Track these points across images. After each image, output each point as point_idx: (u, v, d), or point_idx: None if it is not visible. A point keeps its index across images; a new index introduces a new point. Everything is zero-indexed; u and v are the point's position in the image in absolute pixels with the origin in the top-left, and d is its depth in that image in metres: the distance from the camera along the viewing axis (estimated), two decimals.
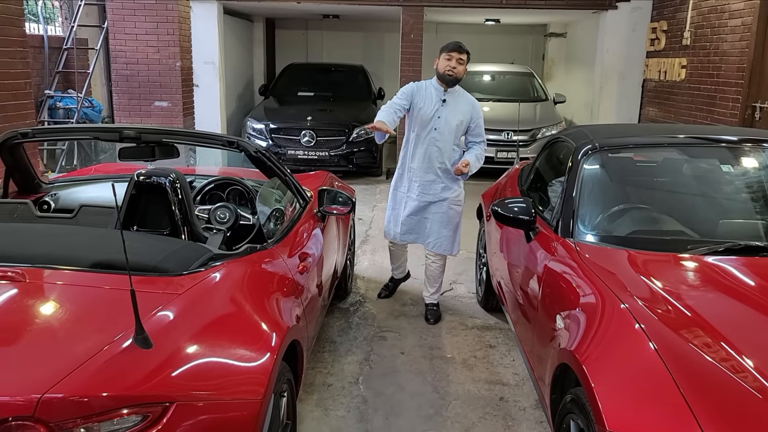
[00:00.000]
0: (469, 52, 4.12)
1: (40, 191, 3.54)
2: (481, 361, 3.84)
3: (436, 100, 4.11)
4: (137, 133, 2.95)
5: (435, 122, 4.11)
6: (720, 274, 2.53)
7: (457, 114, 4.11)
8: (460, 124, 4.14)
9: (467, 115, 4.13)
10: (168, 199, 2.49)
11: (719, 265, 2.57)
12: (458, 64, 4.05)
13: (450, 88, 4.12)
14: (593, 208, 3.07)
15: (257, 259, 2.53)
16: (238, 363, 2.01)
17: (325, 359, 3.80)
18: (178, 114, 7.71)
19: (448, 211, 4.26)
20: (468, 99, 4.20)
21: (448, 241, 4.33)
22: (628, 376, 1.98)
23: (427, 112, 4.11)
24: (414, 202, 4.27)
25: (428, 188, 4.22)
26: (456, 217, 4.31)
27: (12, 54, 4.18)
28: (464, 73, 4.12)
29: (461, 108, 4.13)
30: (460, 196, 4.32)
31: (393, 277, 4.83)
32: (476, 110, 4.17)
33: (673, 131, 3.79)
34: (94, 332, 1.80)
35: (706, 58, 6.59)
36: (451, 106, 4.12)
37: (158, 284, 2.06)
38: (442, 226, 4.28)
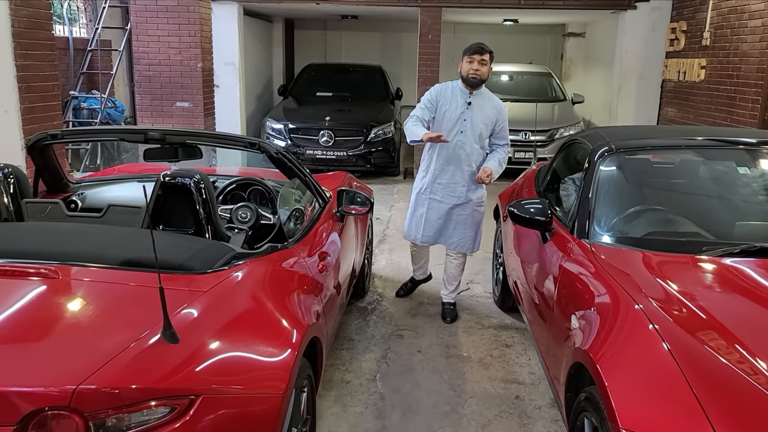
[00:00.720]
0: (491, 52, 4.12)
1: (68, 191, 3.64)
2: (497, 360, 3.89)
3: (461, 103, 4.12)
4: (161, 134, 3.04)
5: (461, 125, 4.12)
6: (735, 276, 2.55)
7: (482, 116, 4.11)
8: (486, 127, 4.14)
9: (493, 118, 4.13)
10: (193, 199, 2.56)
11: (734, 266, 2.59)
12: (481, 66, 4.05)
13: (475, 90, 4.12)
14: (609, 209, 3.10)
15: (278, 258, 2.60)
16: (260, 358, 2.08)
17: (344, 357, 3.87)
18: (199, 114, 7.83)
19: (472, 213, 4.29)
20: (494, 101, 4.19)
21: (470, 241, 4.39)
22: (641, 375, 2.01)
23: (453, 115, 4.11)
24: (439, 204, 4.28)
25: (453, 191, 4.23)
26: (479, 217, 4.35)
27: (41, 57, 4.30)
28: (489, 73, 4.12)
29: (487, 110, 4.13)
30: (484, 197, 4.35)
31: (414, 278, 4.86)
32: (502, 113, 4.16)
33: (690, 133, 3.80)
34: (123, 327, 1.88)
35: (726, 59, 6.56)
36: (476, 108, 4.11)
37: (184, 282, 2.13)
38: (466, 228, 4.31)
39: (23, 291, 2.05)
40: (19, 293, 2.03)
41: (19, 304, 1.97)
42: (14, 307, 1.95)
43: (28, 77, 4.20)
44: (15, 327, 1.88)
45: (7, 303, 1.97)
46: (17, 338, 1.83)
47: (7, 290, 2.05)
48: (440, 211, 4.29)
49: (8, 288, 2.07)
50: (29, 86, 4.20)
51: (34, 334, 1.85)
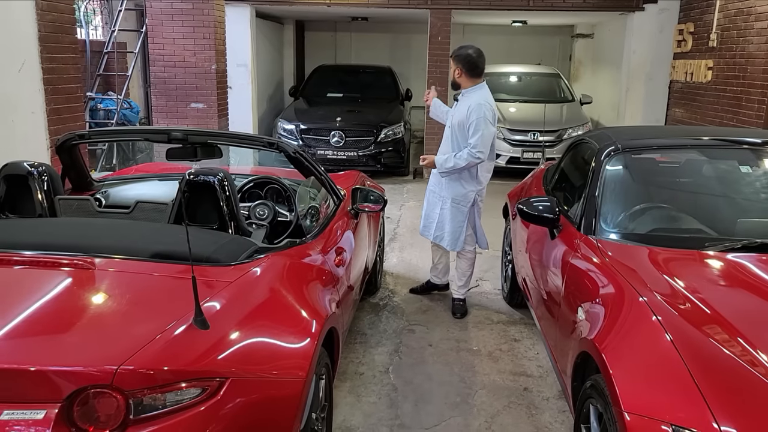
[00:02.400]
0: (453, 55, 4.31)
1: (92, 189, 3.78)
2: (506, 354, 4.00)
3: (454, 103, 4.43)
4: (184, 134, 3.17)
5: (448, 121, 4.43)
6: (736, 270, 2.66)
7: (458, 115, 4.27)
8: (459, 125, 4.25)
9: (463, 117, 4.19)
10: (216, 196, 2.69)
11: (735, 261, 2.69)
12: (451, 69, 4.35)
13: (457, 91, 4.40)
14: (615, 206, 3.21)
15: (298, 252, 2.72)
16: (284, 345, 2.21)
17: (357, 350, 3.99)
18: (213, 115, 7.98)
19: (452, 209, 4.43)
20: (471, 101, 4.20)
21: (449, 236, 4.47)
22: (644, 363, 2.12)
23: (450, 114, 4.46)
24: (430, 195, 4.60)
25: (435, 183, 4.55)
26: (459, 215, 4.43)
27: (65, 60, 4.44)
28: (452, 78, 4.34)
29: (461, 110, 4.25)
30: (467, 198, 4.39)
31: (430, 280, 4.95)
32: (470, 114, 4.13)
33: (694, 133, 3.91)
34: (157, 315, 2.01)
35: (732, 60, 6.64)
36: (457, 108, 4.35)
37: (212, 273, 2.26)
38: (444, 223, 4.49)
39: (61, 281, 2.18)
40: (58, 283, 2.17)
41: (58, 292, 2.11)
42: (54, 295, 2.09)
43: (54, 79, 4.35)
44: (57, 313, 2.02)
45: (47, 291, 2.10)
46: (61, 323, 1.96)
47: (46, 280, 2.19)
48: (432, 203, 4.57)
49: (47, 278, 2.21)
50: (54, 88, 4.35)
51: (75, 320, 1.98)
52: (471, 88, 4.30)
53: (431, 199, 4.59)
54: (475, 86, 4.29)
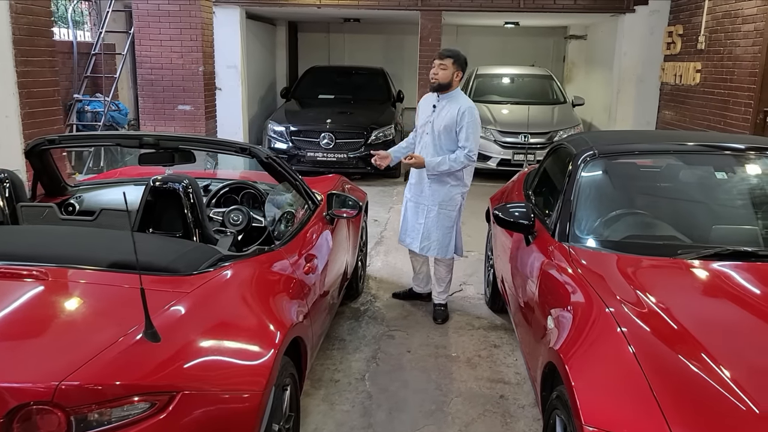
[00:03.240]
0: (453, 56, 4.16)
1: (66, 194, 3.74)
2: (484, 360, 3.96)
3: (429, 108, 4.31)
4: (156, 139, 3.14)
5: (427, 128, 4.30)
6: (706, 279, 2.63)
7: (443, 119, 4.19)
8: (446, 129, 4.18)
9: (452, 121, 4.15)
10: (181, 203, 2.65)
11: (706, 269, 2.66)
12: (440, 70, 4.16)
13: (442, 93, 4.25)
14: (590, 213, 3.17)
15: (264, 260, 2.69)
16: (241, 357, 2.17)
17: (334, 356, 3.96)
18: (200, 117, 7.95)
19: (439, 215, 4.35)
20: (458, 104, 4.18)
21: (437, 245, 4.40)
22: (606, 376, 2.09)
23: (423, 119, 4.35)
24: (411, 204, 4.48)
25: (420, 191, 4.40)
26: (447, 221, 4.36)
27: (41, 63, 4.41)
28: (448, 77, 4.17)
29: (448, 114, 4.18)
30: (454, 201, 4.36)
31: (412, 289, 4.90)
32: (463, 115, 4.12)
33: (674, 138, 3.87)
34: (108, 326, 1.97)
35: (720, 63, 6.61)
36: (439, 111, 4.23)
37: (169, 283, 2.22)
38: (432, 230, 4.38)
39: (13, 292, 2.14)
40: (9, 294, 2.13)
41: (8, 304, 2.07)
42: (4, 308, 2.05)
43: (29, 83, 4.32)
44: (4, 326, 1.98)
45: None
46: (6, 337, 1.92)
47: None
48: (412, 211, 4.47)
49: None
50: (29, 92, 4.31)
51: (22, 333, 1.95)
52: (456, 90, 4.29)
53: (412, 207, 4.47)
54: (457, 89, 4.29)
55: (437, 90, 4.26)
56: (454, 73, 4.18)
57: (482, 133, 9.36)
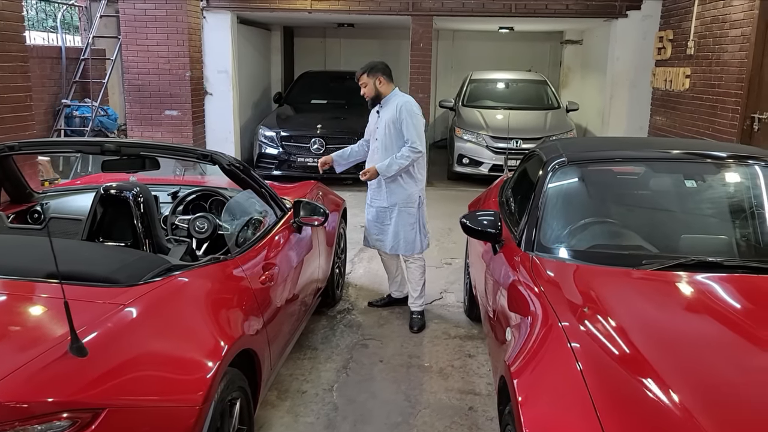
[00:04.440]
0: (364, 71, 4.34)
1: (32, 200, 3.70)
2: (457, 371, 3.89)
3: (375, 115, 4.50)
4: (117, 146, 3.09)
5: (376, 133, 4.46)
6: (667, 291, 2.56)
7: (384, 121, 4.35)
8: (391, 129, 4.31)
9: (393, 118, 4.29)
10: (131, 212, 2.60)
11: (669, 280, 2.59)
12: (363, 88, 4.38)
13: (376, 104, 4.42)
14: (556, 221, 3.11)
15: (215, 270, 2.63)
16: (178, 371, 2.11)
17: (304, 366, 3.89)
18: (187, 123, 7.91)
19: (400, 214, 4.44)
20: (396, 103, 4.33)
21: (404, 243, 4.48)
22: (551, 392, 2.03)
23: (371, 127, 4.53)
24: (371, 208, 4.58)
25: (378, 194, 4.50)
26: (409, 218, 4.45)
27: (12, 69, 4.37)
28: (373, 89, 4.35)
29: (388, 114, 4.34)
30: (412, 198, 4.43)
31: (390, 294, 4.90)
32: (401, 111, 4.26)
33: (649, 146, 3.81)
34: (35, 340, 1.92)
35: (708, 68, 6.53)
36: (382, 117, 4.39)
37: (106, 294, 2.16)
38: (398, 230, 4.47)
39: None
40: None
41: None
42: None
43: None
44: None
45: None
46: None
47: None
48: (374, 216, 4.56)
49: None
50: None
51: None
52: (391, 93, 4.41)
53: (373, 212, 4.57)
54: (393, 91, 4.42)
55: (374, 103, 4.44)
56: (374, 82, 4.36)
57: (474, 138, 9.49)
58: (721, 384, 1.97)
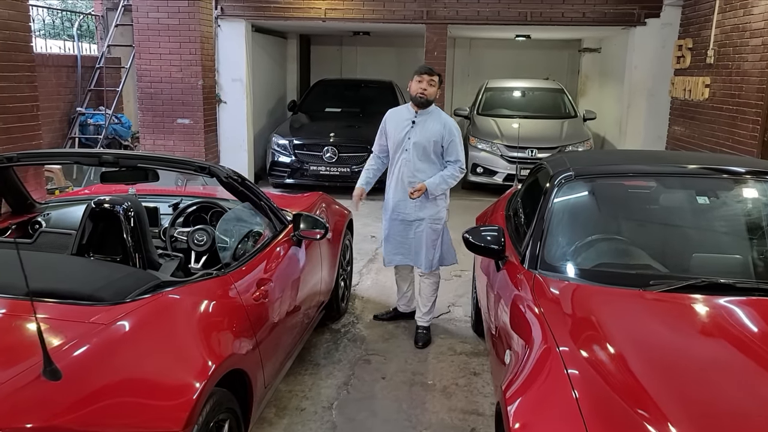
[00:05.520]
0: (440, 75, 4.22)
1: (34, 211, 3.67)
2: (461, 389, 3.79)
3: (407, 123, 4.20)
4: (115, 158, 3.05)
5: (405, 143, 4.20)
6: (675, 315, 2.44)
7: (426, 134, 4.14)
8: (430, 144, 4.14)
9: (438, 135, 4.13)
10: (121, 226, 2.55)
11: (678, 303, 2.48)
12: (429, 86, 4.12)
13: (422, 109, 4.17)
14: (562, 238, 3.00)
15: (205, 287, 2.56)
16: (159, 392, 2.03)
17: (305, 382, 3.82)
18: (199, 131, 7.91)
19: (426, 230, 4.29)
20: (440, 119, 4.19)
21: (425, 259, 4.35)
22: (544, 422, 1.92)
23: (399, 135, 4.22)
24: (395, 222, 4.37)
25: (404, 208, 4.29)
26: (434, 235, 4.32)
27: (19, 78, 4.37)
28: (436, 94, 4.19)
29: (431, 128, 4.14)
30: (440, 215, 4.32)
31: (396, 308, 4.79)
32: (449, 130, 4.14)
33: (661, 160, 3.68)
34: (6, 363, 1.85)
35: (729, 78, 6.36)
36: (420, 126, 4.16)
37: (88, 313, 2.10)
38: (420, 245, 4.32)
39: None
40: None
41: None
42: None
43: (4, 98, 4.27)
44: None
45: None
46: None
47: None
48: (397, 229, 4.37)
49: None
50: (5, 107, 4.28)
51: None
52: (433, 105, 4.24)
53: (398, 225, 4.35)
54: (433, 105, 4.24)
55: (423, 105, 4.17)
56: (438, 88, 4.19)
57: (488, 147, 9.37)
58: (726, 416, 1.86)
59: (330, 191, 8.43)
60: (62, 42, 8.85)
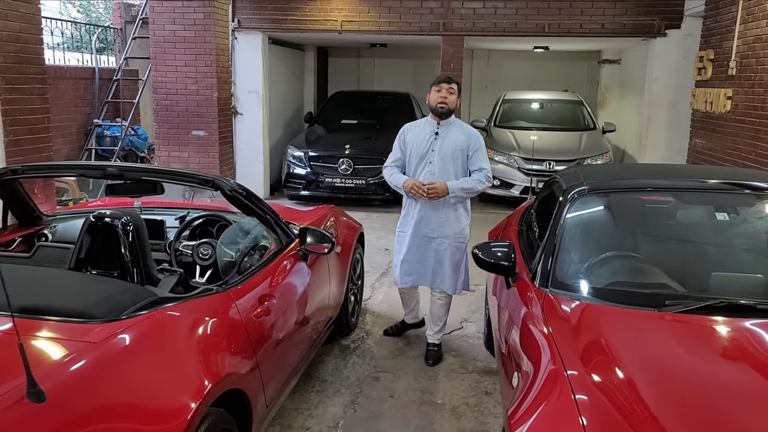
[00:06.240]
0: (459, 83, 4.10)
1: (40, 223, 3.65)
2: (471, 409, 3.68)
3: (429, 135, 4.07)
4: (119, 170, 3.01)
5: (429, 156, 4.05)
6: (691, 337, 2.32)
7: (451, 144, 4.02)
8: (456, 154, 4.02)
9: (463, 144, 4.01)
10: (119, 241, 2.50)
11: (694, 325, 2.36)
12: (449, 94, 4.01)
13: (443, 120, 4.06)
14: (574, 255, 2.90)
15: (205, 303, 2.50)
16: (150, 415, 1.96)
17: (311, 399, 3.73)
18: (214, 143, 7.91)
19: (450, 248, 4.11)
20: (464, 128, 4.09)
21: (449, 279, 4.17)
22: None
23: (421, 147, 4.07)
24: (413, 238, 4.16)
25: (428, 224, 4.09)
26: (458, 254, 4.15)
27: (30, 91, 4.38)
28: (456, 103, 4.08)
29: (455, 138, 4.03)
30: (464, 234, 4.16)
31: (404, 321, 4.70)
32: (473, 139, 4.04)
33: (679, 174, 3.56)
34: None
35: (751, 90, 6.20)
36: (444, 137, 4.04)
37: (78, 331, 2.04)
38: (445, 265, 4.13)
39: None
40: None
41: None
42: None
43: (14, 110, 4.29)
44: None
45: None
46: None
47: None
48: (418, 246, 4.15)
49: None
50: (15, 119, 4.28)
51: None
52: (453, 116, 4.13)
53: (418, 242, 4.14)
54: (453, 116, 4.14)
55: (445, 116, 4.05)
56: (458, 97, 4.09)
57: (505, 159, 9.26)
58: None
59: (345, 203, 8.44)
60: (80, 54, 8.93)
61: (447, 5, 9.01)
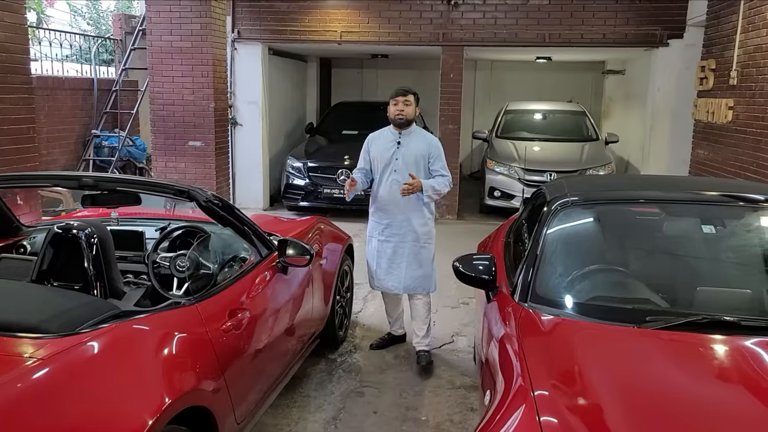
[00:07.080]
0: (415, 93, 4.28)
1: (20, 234, 3.60)
2: (456, 426, 3.58)
3: (392, 144, 4.27)
4: (95, 181, 2.96)
5: (394, 164, 4.24)
6: (671, 356, 2.22)
7: (412, 152, 4.20)
8: (418, 161, 4.19)
9: (424, 151, 4.20)
10: (82, 253, 2.44)
11: (675, 342, 2.26)
12: (405, 106, 4.20)
13: (404, 129, 4.25)
14: (555, 269, 2.81)
15: (168, 317, 2.43)
16: None
17: (292, 415, 3.65)
18: (210, 153, 7.88)
19: (420, 250, 4.27)
20: (425, 137, 4.30)
21: (422, 280, 4.31)
22: None
23: (385, 156, 4.25)
24: (385, 244, 4.31)
25: (399, 228, 4.27)
26: (428, 254, 4.31)
27: (15, 101, 4.36)
28: (415, 113, 4.25)
29: (416, 146, 4.22)
30: (431, 234, 4.32)
31: (390, 333, 4.70)
32: (433, 147, 4.24)
33: (667, 186, 3.46)
34: None
35: (752, 100, 6.09)
36: (405, 146, 4.22)
37: (27, 347, 1.98)
38: (417, 265, 4.28)
39: None
40: None
41: None
42: None
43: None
44: None
45: None
46: None
47: None
48: (388, 251, 4.31)
49: None
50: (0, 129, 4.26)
51: None
52: (414, 124, 4.31)
53: (390, 247, 4.29)
54: (414, 125, 4.31)
55: (404, 126, 4.23)
56: (415, 108, 4.25)
57: (506, 170, 9.17)
58: None
59: (344, 214, 8.37)
60: (79, 65, 8.96)
61: (446, 15, 8.96)
